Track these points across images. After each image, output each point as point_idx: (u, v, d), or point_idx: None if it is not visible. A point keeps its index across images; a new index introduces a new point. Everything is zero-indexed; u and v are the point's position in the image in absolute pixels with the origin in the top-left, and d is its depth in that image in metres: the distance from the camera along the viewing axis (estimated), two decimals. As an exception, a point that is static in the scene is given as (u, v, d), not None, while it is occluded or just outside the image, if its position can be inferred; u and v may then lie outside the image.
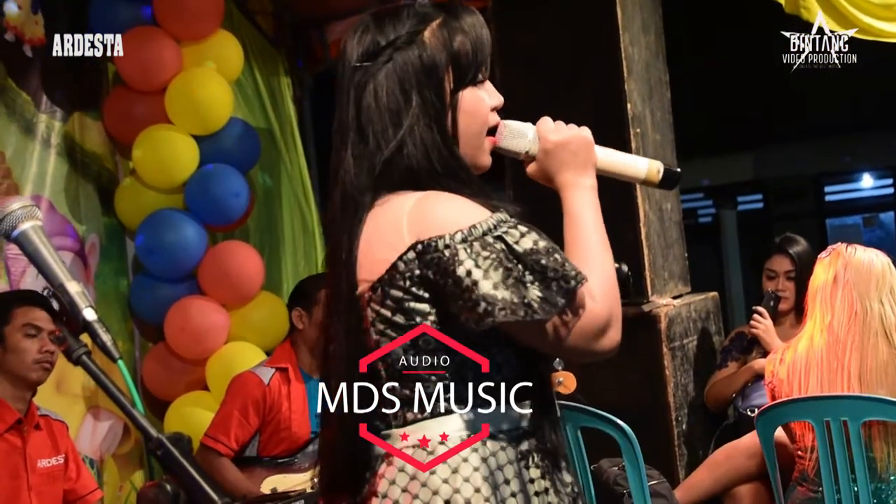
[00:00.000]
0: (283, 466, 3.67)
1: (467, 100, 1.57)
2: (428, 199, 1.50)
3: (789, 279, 4.06)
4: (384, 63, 1.54)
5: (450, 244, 1.45)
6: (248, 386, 3.68)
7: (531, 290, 1.42)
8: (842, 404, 2.94)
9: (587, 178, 1.60)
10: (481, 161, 1.61)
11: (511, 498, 1.49)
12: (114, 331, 4.41)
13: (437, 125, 1.54)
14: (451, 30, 1.56)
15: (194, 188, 4.41)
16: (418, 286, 1.48)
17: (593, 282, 1.47)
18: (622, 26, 3.80)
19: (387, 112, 1.53)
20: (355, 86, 1.55)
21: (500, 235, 1.46)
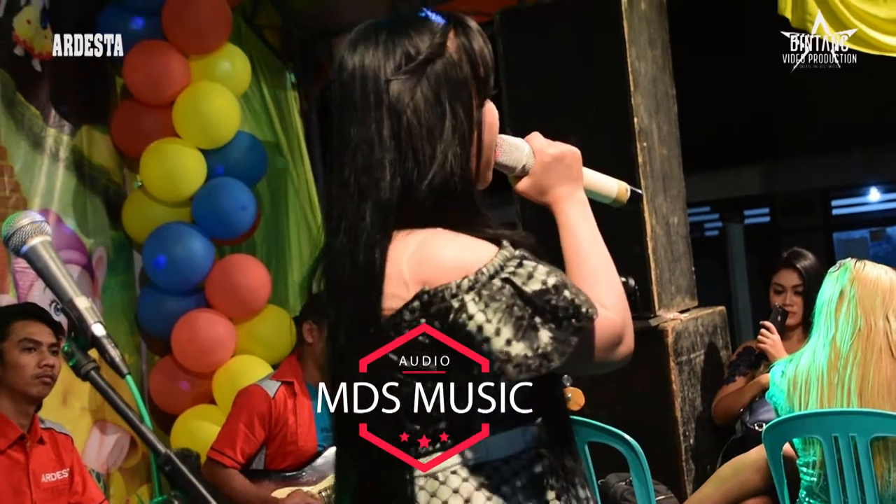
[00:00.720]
0: (290, 480, 3.66)
1: (489, 113, 1.54)
2: (429, 242, 1.44)
3: (797, 294, 4.06)
4: (421, 76, 1.46)
5: (457, 293, 1.40)
6: (253, 399, 3.69)
7: (542, 333, 1.39)
8: (851, 420, 2.93)
9: (580, 191, 1.62)
10: (488, 176, 1.59)
11: None
12: (121, 344, 4.41)
13: (465, 143, 1.48)
14: (469, 40, 1.50)
15: (201, 202, 4.42)
16: (425, 336, 1.43)
17: (604, 295, 1.48)
18: (629, 40, 3.81)
19: (426, 130, 1.45)
20: (395, 99, 1.45)
21: (507, 278, 1.41)
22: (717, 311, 4.34)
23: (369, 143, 1.46)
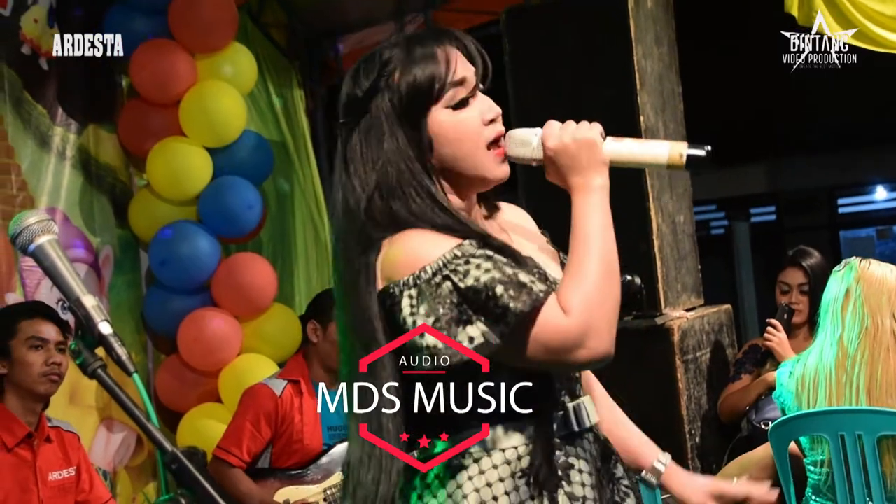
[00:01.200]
0: (296, 478, 3.67)
1: (443, 126, 1.59)
2: (394, 244, 1.55)
3: (803, 292, 4.05)
4: (361, 115, 1.59)
5: (400, 289, 1.51)
6: (260, 398, 3.69)
7: (472, 328, 1.47)
8: (857, 418, 2.93)
9: (593, 178, 1.58)
10: (492, 174, 1.62)
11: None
12: (127, 342, 4.39)
13: (414, 161, 1.58)
14: (412, 62, 1.58)
15: (208, 200, 4.43)
16: (391, 329, 1.53)
17: (571, 297, 1.49)
18: (635, 38, 3.80)
19: (369, 162, 1.58)
20: (342, 142, 1.62)
21: (447, 275, 1.49)
22: (722, 310, 4.33)
23: (337, 180, 1.63)
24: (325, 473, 3.69)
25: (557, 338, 1.49)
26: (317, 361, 3.75)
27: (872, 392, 2.98)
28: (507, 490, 1.53)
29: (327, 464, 3.70)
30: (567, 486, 1.56)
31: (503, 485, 1.54)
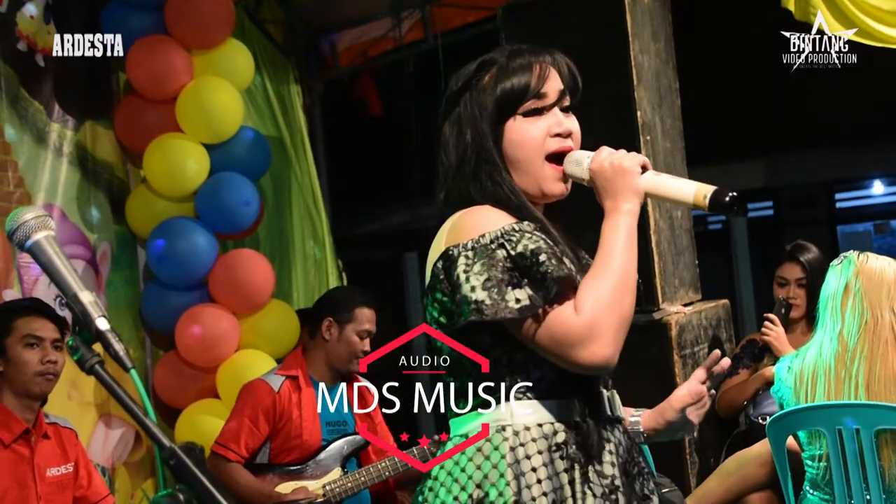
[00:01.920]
0: (294, 474, 3.67)
1: (513, 131, 1.76)
2: (464, 214, 1.73)
3: (800, 286, 4.06)
4: (452, 109, 1.80)
5: (459, 251, 1.66)
6: (258, 394, 3.69)
7: (518, 291, 1.61)
8: (855, 412, 2.93)
9: (624, 203, 1.71)
10: (548, 189, 1.78)
11: (537, 485, 1.63)
12: (125, 338, 4.41)
13: (492, 153, 1.76)
14: (502, 71, 1.77)
15: (205, 196, 4.42)
16: (448, 287, 1.67)
17: (585, 300, 1.62)
18: (632, 34, 3.80)
19: (453, 150, 1.79)
20: (439, 126, 1.83)
21: (502, 243, 1.65)
22: (720, 305, 4.33)
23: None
24: (324, 469, 3.69)
25: (563, 331, 1.61)
26: (320, 358, 3.73)
27: (871, 386, 2.98)
28: (544, 462, 1.65)
29: (326, 459, 3.70)
30: (598, 464, 1.68)
31: (540, 457, 1.65)
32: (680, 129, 4.24)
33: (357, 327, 3.69)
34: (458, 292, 1.64)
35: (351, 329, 3.69)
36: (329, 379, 3.75)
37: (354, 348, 3.69)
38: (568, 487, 1.65)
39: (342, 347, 3.69)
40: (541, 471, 1.64)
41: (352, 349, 3.69)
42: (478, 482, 1.64)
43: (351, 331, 3.69)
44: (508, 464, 1.64)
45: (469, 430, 1.69)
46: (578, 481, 1.65)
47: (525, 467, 1.64)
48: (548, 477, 1.64)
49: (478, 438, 1.67)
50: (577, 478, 1.65)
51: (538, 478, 1.64)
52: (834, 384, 3.03)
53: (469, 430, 1.69)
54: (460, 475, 1.66)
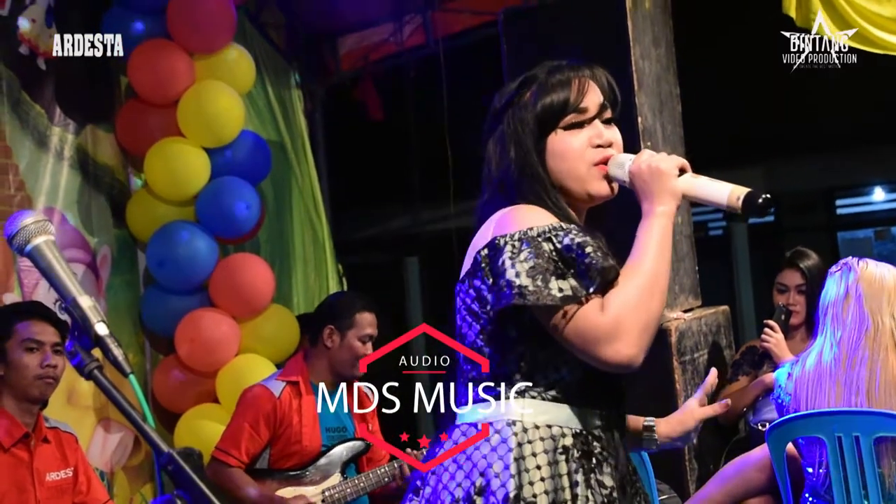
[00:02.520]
0: (294, 479, 3.66)
1: (555, 143, 1.80)
2: (513, 209, 1.77)
3: (800, 293, 4.05)
4: (496, 126, 1.85)
5: (507, 240, 1.70)
6: (259, 399, 3.68)
7: (561, 281, 1.65)
8: (854, 420, 2.93)
9: (660, 205, 1.74)
10: (595, 190, 1.81)
11: (539, 482, 1.66)
12: (125, 343, 4.39)
13: (536, 166, 1.80)
14: (542, 88, 1.83)
15: (205, 201, 4.43)
16: (489, 275, 1.71)
17: (614, 298, 1.65)
18: (633, 39, 3.80)
19: (496, 167, 1.84)
20: (484, 139, 1.88)
21: (549, 237, 1.69)
22: (720, 311, 4.33)
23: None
24: (324, 475, 3.69)
25: (588, 327, 1.64)
26: (322, 365, 3.72)
27: (872, 393, 2.98)
28: (549, 461, 1.68)
29: (326, 465, 3.69)
30: (598, 473, 1.71)
31: (546, 456, 1.68)
32: (681, 135, 4.24)
33: (358, 332, 3.69)
34: (501, 278, 1.67)
35: (353, 335, 3.68)
36: (330, 384, 3.75)
37: (358, 353, 3.68)
38: (568, 490, 1.68)
39: (345, 354, 3.69)
40: (544, 469, 1.67)
41: (355, 354, 3.68)
42: (482, 470, 1.67)
43: (353, 336, 3.68)
44: (514, 458, 1.67)
45: (479, 419, 1.73)
46: (582, 485, 1.68)
47: (530, 464, 1.67)
48: (550, 476, 1.68)
49: (487, 430, 1.70)
50: (580, 481, 1.68)
51: (541, 476, 1.67)
52: (834, 391, 3.03)
53: (479, 420, 1.72)
54: (465, 463, 1.70)
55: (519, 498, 1.65)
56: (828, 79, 4.32)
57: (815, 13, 3.93)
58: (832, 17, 3.88)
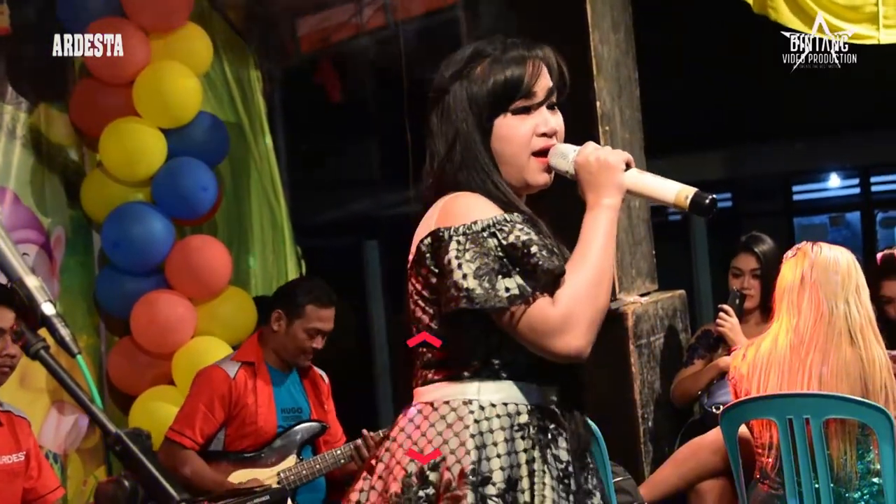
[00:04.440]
0: (249, 461, 3.65)
1: (501, 127, 1.79)
2: (456, 197, 1.76)
3: (755, 277, 4.09)
4: (443, 95, 1.81)
5: (450, 234, 1.70)
6: (214, 380, 3.66)
7: (508, 280, 1.66)
8: (805, 402, 2.97)
9: (606, 198, 1.75)
10: (532, 179, 1.81)
11: (496, 458, 1.68)
12: (79, 325, 4.37)
13: (479, 144, 1.79)
14: (496, 64, 1.79)
15: (162, 182, 4.38)
16: (433, 266, 1.72)
17: (563, 290, 1.68)
18: (592, 24, 3.81)
19: (442, 139, 1.81)
20: (428, 113, 1.85)
21: (494, 232, 1.69)
22: (676, 295, 4.37)
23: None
24: (280, 456, 3.67)
25: (539, 322, 1.67)
26: (271, 347, 3.73)
27: (824, 377, 3.02)
28: (505, 438, 1.70)
29: (281, 447, 3.68)
30: (554, 448, 1.74)
31: (503, 433, 1.70)
32: (639, 119, 4.26)
33: (305, 324, 3.65)
34: (448, 277, 1.68)
35: (298, 325, 3.65)
36: (283, 366, 3.74)
37: (300, 345, 3.66)
38: (525, 466, 1.70)
39: (288, 341, 3.67)
40: (501, 446, 1.69)
41: (297, 345, 3.66)
42: (437, 447, 1.70)
43: (298, 327, 3.65)
44: (471, 434, 1.69)
45: (435, 398, 1.74)
46: (538, 461, 1.70)
47: (487, 440, 1.69)
48: (507, 453, 1.70)
49: (443, 407, 1.72)
50: (536, 457, 1.70)
51: (498, 452, 1.69)
52: (787, 375, 3.07)
53: (435, 399, 1.74)
54: (420, 439, 1.72)
55: (476, 472, 1.67)
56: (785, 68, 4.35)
57: (775, 1, 3.95)
58: (790, 5, 3.91)
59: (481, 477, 1.67)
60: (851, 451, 3.02)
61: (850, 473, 3.01)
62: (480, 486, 1.66)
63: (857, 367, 3.02)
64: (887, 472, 2.90)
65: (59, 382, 1.35)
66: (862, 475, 3.02)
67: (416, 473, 1.69)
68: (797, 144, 8.61)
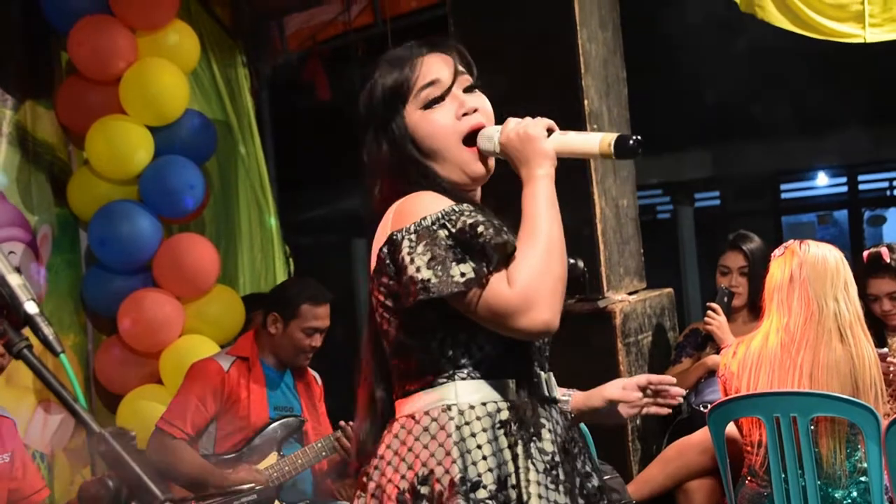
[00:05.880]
0: (232, 462, 3.63)
1: (422, 124, 1.79)
2: (403, 201, 1.75)
3: (742, 275, 4.10)
4: (366, 120, 1.83)
5: (404, 234, 1.69)
6: (207, 373, 3.65)
7: (462, 266, 1.65)
8: (792, 401, 2.97)
9: (538, 169, 1.73)
10: (470, 170, 1.80)
11: (482, 461, 1.68)
12: (66, 323, 4.36)
13: (412, 150, 1.79)
14: (386, 69, 1.82)
15: (149, 179, 4.37)
16: (393, 271, 1.71)
17: (517, 269, 1.65)
18: (580, 22, 3.81)
19: (375, 157, 1.82)
20: (360, 140, 1.86)
21: (443, 223, 1.68)
22: (664, 293, 4.37)
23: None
24: (260, 455, 3.66)
25: (500, 302, 1.64)
26: (267, 348, 3.72)
27: (815, 375, 3.02)
28: (489, 439, 1.69)
29: (261, 444, 3.67)
30: (539, 441, 1.72)
31: (485, 434, 1.69)
32: (627, 118, 4.26)
33: (301, 324, 3.65)
34: (404, 274, 1.67)
35: (295, 326, 3.65)
36: (278, 365, 3.74)
37: (299, 344, 3.66)
38: (511, 463, 1.69)
39: (286, 342, 3.67)
40: (486, 447, 1.68)
41: (296, 345, 3.66)
42: (424, 460, 1.69)
43: (295, 327, 3.65)
44: (455, 442, 1.68)
45: (415, 410, 1.73)
46: (522, 457, 1.69)
47: (471, 445, 1.68)
48: (492, 453, 1.68)
49: (424, 418, 1.71)
50: (520, 453, 1.69)
51: (483, 454, 1.68)
52: (777, 373, 3.07)
53: (415, 411, 1.73)
54: (407, 454, 1.71)
55: (465, 480, 1.66)
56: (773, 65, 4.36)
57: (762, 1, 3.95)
58: (776, 3, 3.91)
59: (471, 483, 1.66)
60: (840, 450, 3.03)
61: (838, 471, 3.02)
62: (471, 491, 1.66)
63: (848, 364, 3.03)
64: (874, 470, 2.90)
65: (42, 381, 1.34)
66: (850, 473, 3.03)
67: (409, 489, 1.69)
68: (785, 143, 8.63)
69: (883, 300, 3.71)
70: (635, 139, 1.71)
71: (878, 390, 3.03)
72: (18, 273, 1.41)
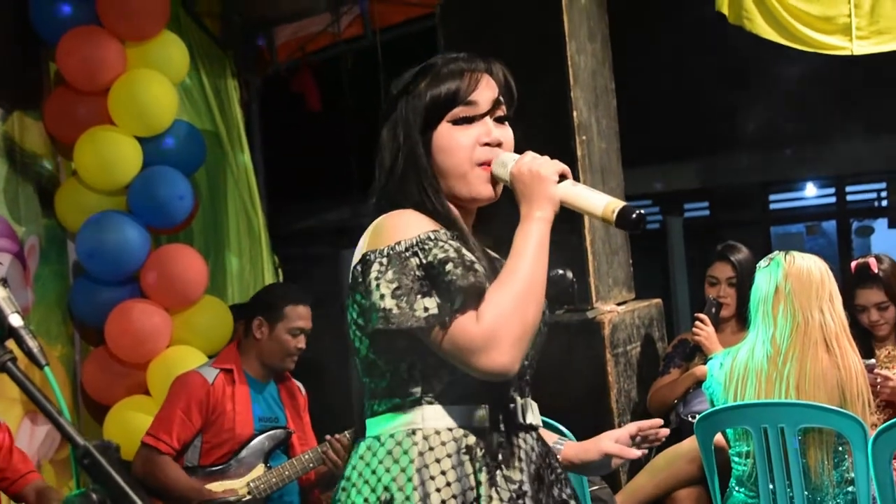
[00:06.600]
0: (218, 474, 3.62)
1: (442, 138, 1.78)
2: (385, 218, 1.73)
3: (731, 286, 4.11)
4: (390, 114, 1.82)
5: (376, 257, 1.68)
6: (192, 385, 3.64)
7: (427, 300, 1.63)
8: (780, 411, 2.98)
9: (538, 210, 1.71)
10: (476, 191, 1.78)
11: (446, 487, 1.65)
12: (53, 334, 4.34)
13: (422, 158, 1.78)
14: (435, 78, 1.79)
15: (137, 190, 4.35)
16: (364, 290, 1.68)
17: (487, 307, 1.62)
18: (568, 34, 3.82)
19: (387, 154, 1.80)
20: (379, 129, 1.84)
21: (416, 252, 1.66)
22: (653, 304, 4.38)
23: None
24: (247, 467, 3.65)
25: (464, 338, 1.62)
26: (253, 356, 3.71)
27: (801, 386, 3.03)
28: (453, 465, 1.66)
29: (248, 457, 3.66)
30: (505, 469, 1.69)
31: (450, 460, 1.67)
32: (616, 129, 4.27)
33: (288, 325, 3.67)
34: (368, 298, 1.66)
35: (282, 327, 3.66)
36: (262, 376, 3.73)
37: (286, 346, 3.67)
38: (474, 490, 1.66)
39: (274, 346, 3.67)
40: (450, 473, 1.66)
41: (283, 347, 3.67)
42: (385, 484, 1.66)
43: (282, 329, 3.66)
44: (416, 468, 1.65)
45: (381, 432, 1.71)
46: (486, 485, 1.66)
47: (434, 471, 1.66)
48: (457, 479, 1.66)
49: (388, 441, 1.69)
50: (483, 481, 1.66)
51: (447, 480, 1.65)
52: (764, 384, 3.08)
53: (381, 433, 1.71)
54: (371, 477, 1.69)
55: None
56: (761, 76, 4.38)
57: (749, 11, 3.97)
58: (763, 14, 3.94)
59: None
60: (828, 460, 3.03)
61: (825, 482, 3.02)
62: None
63: (834, 374, 3.04)
64: (861, 480, 2.91)
65: (26, 394, 1.34)
66: (837, 483, 3.03)
67: None
68: (773, 154, 8.66)
69: (871, 311, 3.72)
70: (638, 213, 1.69)
71: (865, 400, 3.04)
72: (4, 285, 1.40)
